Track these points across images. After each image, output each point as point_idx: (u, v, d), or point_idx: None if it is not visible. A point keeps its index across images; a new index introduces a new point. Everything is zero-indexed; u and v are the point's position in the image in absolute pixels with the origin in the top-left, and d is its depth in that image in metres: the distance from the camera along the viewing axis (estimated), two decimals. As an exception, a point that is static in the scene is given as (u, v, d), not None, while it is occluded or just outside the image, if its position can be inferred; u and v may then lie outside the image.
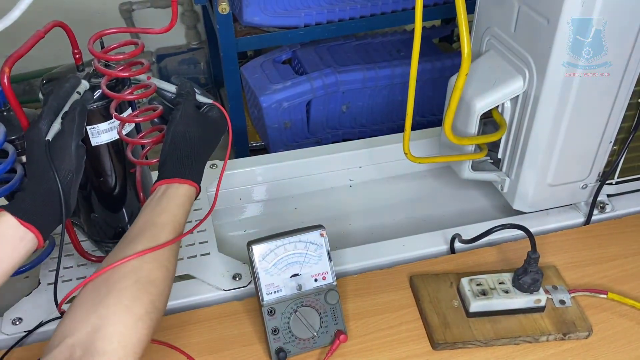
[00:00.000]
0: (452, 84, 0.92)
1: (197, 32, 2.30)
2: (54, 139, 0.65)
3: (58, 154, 0.64)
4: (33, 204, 0.62)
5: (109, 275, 0.58)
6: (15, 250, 0.61)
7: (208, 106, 0.75)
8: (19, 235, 0.61)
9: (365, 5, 1.59)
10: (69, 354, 0.52)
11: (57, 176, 0.63)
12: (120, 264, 0.58)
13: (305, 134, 1.78)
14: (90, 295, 0.57)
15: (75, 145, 0.65)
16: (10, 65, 0.65)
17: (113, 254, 0.61)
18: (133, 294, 0.57)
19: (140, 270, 0.59)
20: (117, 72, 0.69)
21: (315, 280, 0.75)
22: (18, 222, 0.61)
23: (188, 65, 2.26)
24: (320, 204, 1.10)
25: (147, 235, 0.61)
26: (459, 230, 0.91)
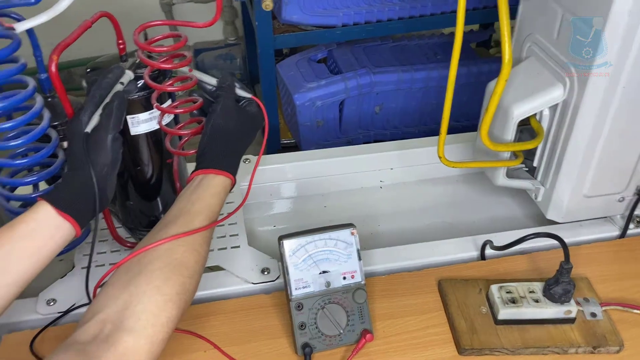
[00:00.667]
0: (490, 89, 0.91)
1: (235, 28, 2.32)
2: (92, 131, 0.66)
3: (94, 147, 0.66)
4: (70, 195, 0.64)
5: (142, 256, 0.60)
6: (53, 239, 0.63)
7: (247, 100, 0.76)
8: (57, 224, 0.63)
9: (404, 7, 1.59)
10: (100, 328, 0.54)
11: (93, 169, 0.64)
12: (154, 246, 0.60)
13: (337, 134, 1.78)
14: (123, 275, 0.59)
15: (111, 138, 0.66)
16: (58, 54, 0.67)
17: (147, 237, 0.63)
18: (165, 275, 0.58)
19: (172, 253, 0.60)
20: (160, 63, 0.71)
21: (344, 278, 0.75)
22: (56, 212, 0.62)
23: (224, 61, 2.28)
24: (349, 204, 1.11)
25: (181, 221, 0.63)
26: (489, 237, 0.90)
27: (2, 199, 0.77)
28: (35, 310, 0.81)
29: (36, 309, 0.81)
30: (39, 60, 0.78)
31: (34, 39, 0.76)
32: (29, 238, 0.61)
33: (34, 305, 0.82)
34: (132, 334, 0.54)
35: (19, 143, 0.70)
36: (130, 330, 0.54)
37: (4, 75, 0.66)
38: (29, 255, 0.61)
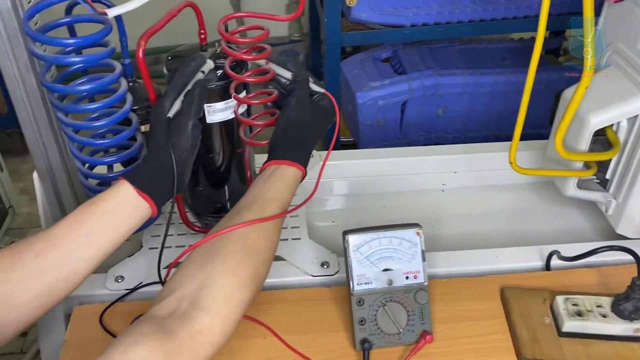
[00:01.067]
0: (566, 97, 0.89)
1: (300, 25, 2.35)
2: (174, 116, 0.69)
3: (175, 132, 0.68)
4: (150, 176, 0.66)
5: (217, 240, 0.62)
6: (131, 217, 0.65)
7: (320, 95, 0.77)
8: (136, 204, 0.65)
9: (475, 9, 1.57)
10: (177, 305, 0.56)
11: (173, 153, 0.67)
12: (229, 230, 0.61)
13: (397, 134, 1.78)
14: (200, 256, 0.61)
15: (191, 124, 0.68)
16: (145, 40, 0.69)
17: (222, 222, 0.64)
18: (239, 259, 0.60)
19: (247, 238, 0.61)
20: (242, 54, 0.72)
21: (407, 278, 0.75)
22: (135, 192, 0.64)
23: (288, 57, 2.31)
24: (410, 205, 1.10)
25: (255, 208, 0.64)
26: (556, 248, 0.88)
27: (81, 176, 0.80)
28: (104, 285, 0.85)
29: (105, 284, 0.85)
30: (124, 45, 0.81)
31: (121, 25, 0.79)
32: (109, 215, 0.64)
33: (103, 280, 0.85)
34: (207, 312, 0.55)
35: (103, 124, 0.73)
36: (206, 309, 0.56)
37: (96, 58, 0.69)
38: (108, 232, 0.64)
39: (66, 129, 0.74)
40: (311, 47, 2.28)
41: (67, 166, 0.90)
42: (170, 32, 1.16)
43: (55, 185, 0.91)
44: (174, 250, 0.92)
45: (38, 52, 0.66)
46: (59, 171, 0.89)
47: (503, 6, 1.59)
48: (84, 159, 0.78)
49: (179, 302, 0.56)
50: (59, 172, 0.90)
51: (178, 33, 1.25)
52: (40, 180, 0.90)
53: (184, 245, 0.93)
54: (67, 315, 0.84)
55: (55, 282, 0.61)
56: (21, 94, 0.79)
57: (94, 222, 0.63)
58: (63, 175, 0.90)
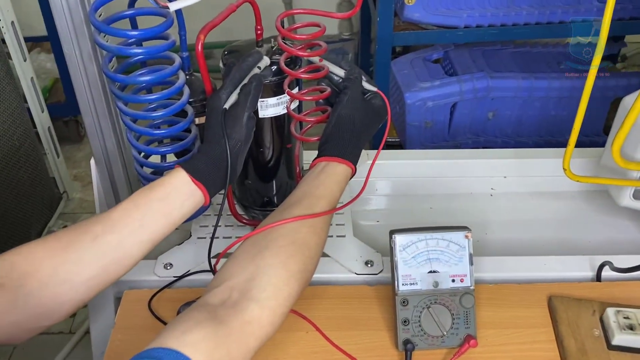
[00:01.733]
0: (626, 103, 0.87)
1: (351, 24, 2.35)
2: (230, 108, 0.70)
3: (230, 123, 0.69)
4: (204, 165, 0.68)
5: (268, 232, 0.63)
6: (184, 204, 0.67)
7: (372, 94, 0.77)
8: (190, 191, 0.67)
9: (531, 12, 1.53)
10: (228, 294, 0.57)
11: (227, 143, 0.68)
12: (280, 224, 0.62)
13: (444, 136, 1.76)
14: (250, 248, 0.62)
15: (247, 116, 0.70)
16: (205, 33, 0.71)
17: (272, 215, 0.65)
18: (289, 252, 0.61)
19: (297, 233, 0.62)
20: (298, 50, 0.73)
21: (453, 281, 0.74)
22: (190, 179, 0.66)
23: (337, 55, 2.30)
24: (457, 208, 1.09)
25: (305, 203, 0.65)
26: (607, 259, 0.86)
27: (136, 164, 0.83)
28: (153, 271, 0.87)
29: (154, 271, 0.87)
30: (183, 39, 0.83)
31: (181, 18, 0.81)
32: (164, 201, 0.66)
33: (153, 267, 0.88)
34: (257, 303, 0.57)
35: (160, 114, 0.75)
36: (256, 299, 0.57)
37: (157, 50, 0.71)
38: (162, 217, 0.66)
39: (125, 118, 0.77)
40: (361, 46, 2.27)
41: (123, 154, 0.93)
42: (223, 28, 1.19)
43: (110, 172, 0.94)
44: (221, 241, 0.94)
45: (102, 43, 0.69)
46: (115, 159, 0.92)
47: (560, 9, 1.55)
48: (140, 148, 0.80)
49: (230, 291, 0.57)
50: (115, 160, 0.92)
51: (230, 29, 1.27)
52: (96, 167, 0.94)
53: (231, 236, 0.95)
54: (117, 299, 0.86)
55: (110, 264, 0.63)
56: (83, 82, 0.82)
57: (149, 207, 0.65)
58: (118, 162, 0.93)
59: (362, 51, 2.27)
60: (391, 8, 1.49)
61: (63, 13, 0.76)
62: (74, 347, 1.54)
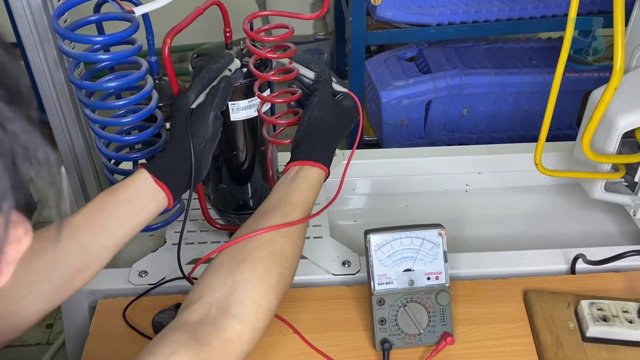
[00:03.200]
0: (595, 97, 0.87)
1: (325, 24, 2.34)
2: (196, 107, 0.70)
3: (196, 122, 0.68)
4: (168, 165, 0.67)
5: (245, 244, 0.62)
6: (148, 206, 0.66)
7: (342, 95, 0.77)
8: (153, 192, 0.65)
9: (502, 8, 1.55)
10: (207, 311, 0.56)
11: (191, 142, 0.67)
12: (256, 235, 0.62)
13: (420, 134, 1.77)
14: (228, 260, 0.61)
15: (213, 116, 0.69)
16: (171, 37, 0.70)
17: (247, 225, 0.65)
18: (267, 265, 0.60)
19: (273, 243, 0.62)
20: (266, 52, 0.72)
21: (428, 279, 0.74)
22: (153, 180, 0.65)
23: (312, 55, 2.31)
24: (433, 205, 1.09)
25: (280, 211, 0.64)
26: (581, 251, 0.87)
27: (107, 172, 0.82)
28: (128, 279, 0.86)
29: (129, 279, 0.86)
30: (150, 43, 0.82)
31: (148, 23, 0.80)
32: (128, 204, 0.64)
33: (127, 275, 0.86)
34: (237, 320, 0.56)
35: (129, 120, 0.74)
36: (235, 316, 0.56)
37: (123, 56, 0.70)
38: (126, 220, 0.65)
39: (93, 125, 0.76)
40: (336, 46, 2.27)
41: (94, 161, 0.92)
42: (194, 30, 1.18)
43: (81, 179, 0.93)
44: (196, 247, 0.93)
45: (67, 49, 0.68)
46: (85, 166, 0.91)
47: (531, 5, 1.57)
48: (110, 155, 0.79)
49: (209, 307, 0.57)
50: (85, 167, 0.91)
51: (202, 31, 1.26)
52: (67, 175, 0.92)
53: (207, 241, 0.94)
54: (92, 308, 0.85)
55: (76, 271, 0.62)
56: (49, 89, 0.81)
57: (113, 211, 0.64)
58: (89, 169, 0.92)
59: (337, 51, 2.27)
60: (363, 7, 1.49)
61: (26, 19, 0.75)
62: (51, 359, 1.52)
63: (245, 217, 0.94)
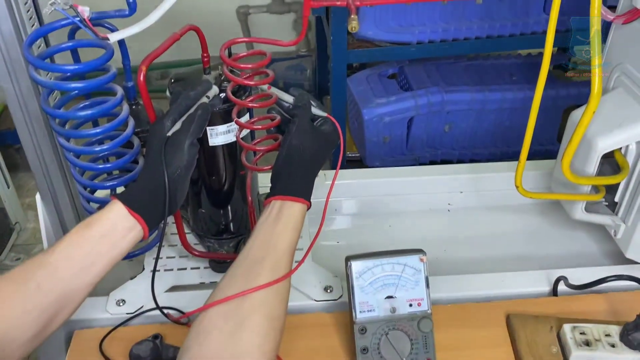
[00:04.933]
0: (574, 119, 0.88)
1: (308, 40, 2.35)
2: (172, 135, 0.68)
3: (171, 150, 0.67)
4: (142, 195, 0.66)
5: (238, 303, 0.60)
6: (124, 239, 0.64)
7: (322, 119, 0.76)
8: (129, 225, 0.64)
9: (482, 26, 1.56)
10: None
11: (166, 171, 0.66)
12: (248, 294, 0.60)
13: (403, 150, 1.77)
14: (223, 324, 0.59)
15: (188, 143, 0.68)
16: (147, 64, 0.69)
17: (234, 275, 0.63)
18: (264, 331, 0.59)
19: (268, 305, 0.61)
20: (243, 79, 0.72)
21: (410, 305, 0.73)
22: (128, 212, 0.64)
23: (295, 72, 2.31)
24: (415, 225, 1.09)
25: (269, 262, 0.63)
26: (563, 273, 0.87)
27: (82, 200, 0.80)
28: (105, 309, 0.84)
29: (106, 308, 0.84)
30: (127, 69, 0.81)
31: (124, 48, 0.79)
32: (105, 238, 0.63)
33: (104, 304, 0.84)
34: None
35: (104, 149, 0.72)
36: None
37: (96, 84, 0.69)
38: (105, 255, 0.63)
39: (67, 154, 0.74)
40: (318, 63, 2.27)
41: (70, 187, 0.90)
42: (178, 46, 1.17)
43: (57, 206, 0.91)
44: (175, 274, 0.91)
45: (38, 78, 0.66)
46: (62, 192, 0.89)
47: (510, 22, 1.58)
48: (86, 184, 0.77)
49: None
50: (62, 194, 0.89)
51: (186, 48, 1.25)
52: (42, 202, 0.90)
53: (186, 267, 0.92)
54: (68, 339, 0.83)
55: (56, 312, 0.61)
56: (24, 117, 0.79)
57: (91, 247, 0.62)
58: (65, 196, 0.90)
59: (320, 67, 2.27)
60: (344, 26, 1.49)
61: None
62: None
63: (225, 242, 0.94)
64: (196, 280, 0.91)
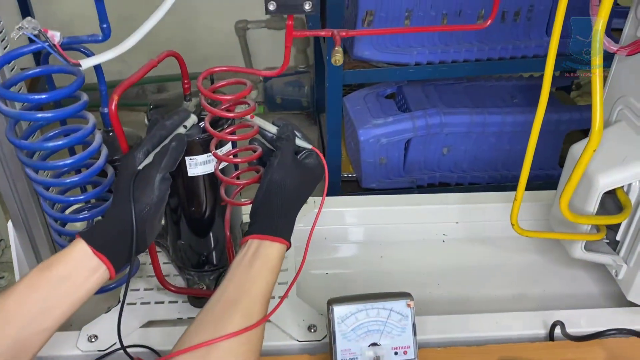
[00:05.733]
0: (574, 154, 0.84)
1: (306, 56, 2.32)
2: (143, 169, 0.64)
3: (141, 185, 0.63)
4: (108, 234, 0.62)
5: (204, 353, 0.56)
6: (88, 281, 0.60)
7: (307, 152, 0.72)
8: (93, 265, 0.60)
9: (482, 48, 1.52)
10: None
11: (135, 208, 0.62)
12: (215, 343, 0.57)
13: (400, 172, 1.73)
14: None
15: (159, 178, 0.64)
16: (119, 93, 0.65)
17: (207, 321, 0.59)
18: None
19: (236, 355, 0.57)
20: (222, 112, 0.68)
21: (395, 354, 0.69)
22: (92, 252, 0.60)
23: (293, 88, 2.27)
24: (408, 257, 1.04)
25: (241, 307, 0.60)
26: (561, 314, 0.82)
27: (54, 233, 0.76)
28: (76, 345, 0.80)
29: (77, 344, 0.80)
30: (103, 94, 0.77)
31: (100, 73, 0.76)
32: (66, 280, 0.59)
33: (76, 339, 0.80)
34: None
35: (74, 181, 0.68)
36: None
37: (68, 113, 0.65)
38: (65, 298, 0.59)
39: (36, 185, 0.70)
40: (316, 79, 2.24)
41: (43, 215, 0.86)
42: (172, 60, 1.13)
43: (30, 233, 0.87)
44: (152, 307, 0.87)
45: (2, 108, 0.62)
46: (34, 220, 0.85)
47: (511, 45, 1.54)
48: (55, 216, 0.73)
49: None
50: (34, 221, 0.86)
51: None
52: (14, 229, 0.86)
53: (163, 301, 0.88)
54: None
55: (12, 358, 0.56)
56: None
57: (49, 290, 0.58)
58: (39, 223, 0.86)
59: (318, 83, 2.24)
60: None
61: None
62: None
63: (206, 275, 0.90)
64: (174, 316, 0.86)
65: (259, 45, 2.31)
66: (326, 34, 0.62)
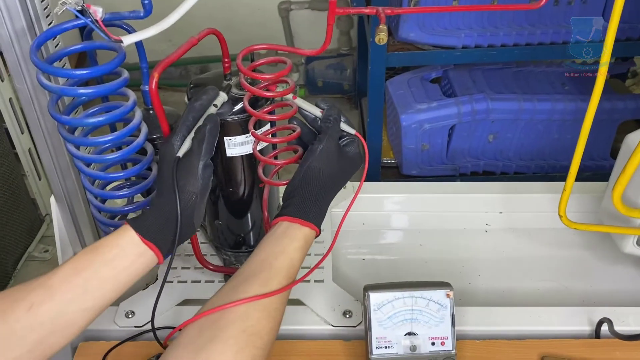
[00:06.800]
0: (629, 143, 0.79)
1: (349, 39, 2.28)
2: (183, 157, 0.64)
3: (184, 174, 0.63)
4: (155, 222, 0.62)
5: (217, 318, 0.56)
6: (134, 265, 0.61)
7: (349, 138, 0.70)
8: (139, 251, 0.61)
9: (533, 32, 1.46)
10: None
11: (180, 198, 0.62)
12: (230, 307, 0.56)
13: (442, 159, 1.69)
14: (197, 337, 0.56)
15: (202, 165, 0.63)
16: (159, 71, 0.64)
17: (224, 291, 0.59)
18: (239, 345, 0.54)
19: (248, 319, 0.56)
20: (261, 90, 0.66)
21: (433, 344, 0.67)
22: (140, 239, 0.61)
23: (335, 70, 2.25)
24: (448, 246, 1.02)
25: (261, 277, 0.59)
26: (608, 311, 0.78)
27: (94, 209, 0.77)
28: (114, 320, 0.81)
29: (114, 320, 0.81)
30: (144, 72, 0.77)
31: (141, 50, 0.75)
32: (110, 264, 0.60)
33: (113, 315, 0.81)
34: None
35: (114, 157, 0.69)
36: None
37: (108, 89, 0.65)
38: (108, 281, 0.60)
39: (76, 161, 0.70)
40: (359, 62, 2.20)
41: (84, 191, 0.87)
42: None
43: (72, 209, 0.88)
44: (189, 286, 0.87)
45: (45, 83, 0.62)
46: (76, 196, 0.86)
47: (564, 29, 1.47)
48: (96, 192, 0.74)
49: None
50: (76, 198, 0.87)
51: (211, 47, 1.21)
52: (57, 204, 0.88)
53: (200, 280, 0.88)
54: (74, 349, 0.80)
55: (49, 335, 0.57)
56: (37, 117, 0.77)
57: (93, 271, 0.59)
58: (80, 200, 0.87)
59: (360, 67, 2.20)
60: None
61: (11, 45, 0.70)
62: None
63: (243, 256, 0.89)
64: (210, 295, 0.85)
65: (302, 27, 2.29)
66: (370, 12, 0.59)
